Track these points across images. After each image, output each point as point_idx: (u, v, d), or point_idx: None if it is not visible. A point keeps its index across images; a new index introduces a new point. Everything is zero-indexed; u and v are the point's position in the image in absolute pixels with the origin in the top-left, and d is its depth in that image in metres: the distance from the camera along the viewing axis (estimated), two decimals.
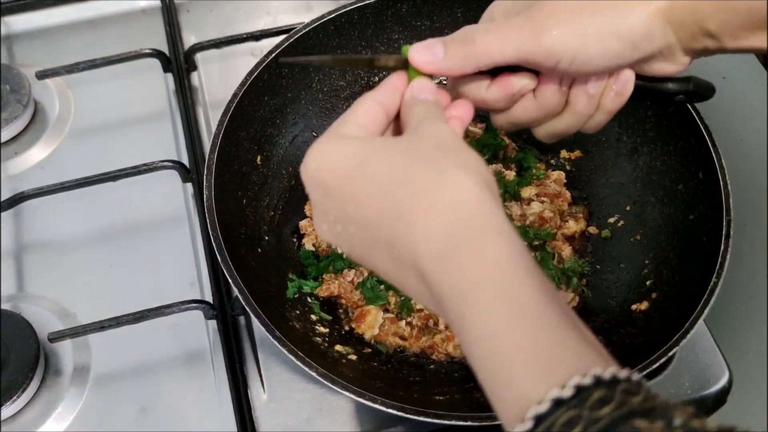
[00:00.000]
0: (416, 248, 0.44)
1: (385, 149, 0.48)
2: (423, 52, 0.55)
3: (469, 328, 0.42)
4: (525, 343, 0.40)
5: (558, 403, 0.37)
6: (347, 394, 0.64)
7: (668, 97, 0.62)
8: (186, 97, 0.98)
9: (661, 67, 0.58)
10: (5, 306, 0.83)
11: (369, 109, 0.53)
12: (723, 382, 0.78)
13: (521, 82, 0.58)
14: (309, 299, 0.82)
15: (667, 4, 0.53)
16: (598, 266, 0.85)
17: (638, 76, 0.59)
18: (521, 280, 0.42)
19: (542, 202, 0.88)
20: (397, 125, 0.56)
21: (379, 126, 0.53)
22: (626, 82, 0.58)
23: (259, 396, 0.77)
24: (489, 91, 0.59)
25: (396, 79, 0.56)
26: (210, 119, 0.99)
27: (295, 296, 0.81)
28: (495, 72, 0.58)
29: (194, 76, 1.05)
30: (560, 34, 0.53)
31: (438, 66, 0.55)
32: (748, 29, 0.52)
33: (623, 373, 0.38)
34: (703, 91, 0.63)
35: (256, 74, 0.83)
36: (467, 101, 0.58)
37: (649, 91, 0.61)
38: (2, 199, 0.87)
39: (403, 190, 0.45)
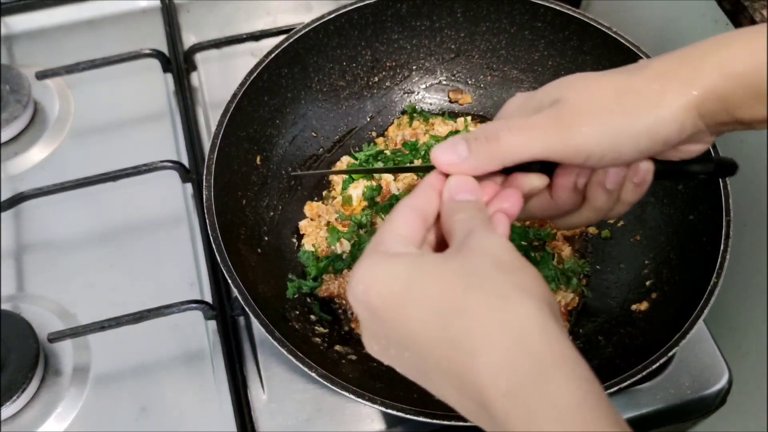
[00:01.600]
0: (480, 382, 0.42)
1: (435, 270, 0.45)
2: (446, 152, 0.53)
3: None
4: None
5: None
6: (347, 394, 0.64)
7: (690, 176, 0.60)
8: (186, 98, 0.98)
9: (686, 150, 0.56)
10: (5, 306, 0.83)
11: (407, 219, 0.51)
12: (723, 382, 0.78)
13: (532, 183, 0.56)
14: (309, 299, 0.82)
15: (698, 97, 0.50)
16: (598, 266, 0.85)
17: (658, 161, 0.56)
18: (594, 422, 0.40)
19: None
20: (439, 227, 0.53)
21: (420, 234, 0.51)
22: (646, 173, 0.56)
23: (258, 396, 0.77)
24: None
25: (432, 179, 0.53)
26: (210, 119, 0.99)
27: (295, 296, 0.81)
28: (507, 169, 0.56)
29: (194, 76, 1.05)
30: (590, 133, 0.50)
31: (462, 166, 0.52)
32: None
33: None
34: (726, 169, 0.61)
35: (255, 74, 0.83)
36: (516, 191, 0.54)
37: (670, 173, 0.58)
38: (2, 199, 0.87)
39: (460, 319, 0.43)
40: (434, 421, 0.63)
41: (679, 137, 0.52)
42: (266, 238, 0.84)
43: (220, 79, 1.04)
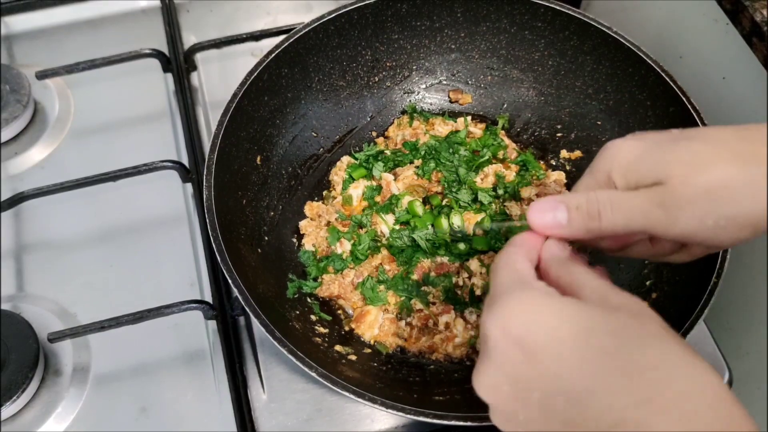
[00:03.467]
0: None
1: (604, 323, 0.44)
2: (545, 216, 0.53)
3: None
4: None
5: None
6: (347, 394, 0.64)
7: None
8: (186, 97, 0.98)
9: None
10: (5, 306, 0.83)
11: (522, 258, 0.51)
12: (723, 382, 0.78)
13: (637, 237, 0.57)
14: (309, 299, 0.82)
15: None
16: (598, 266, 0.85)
17: None
18: None
19: None
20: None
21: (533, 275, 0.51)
22: None
23: (258, 396, 0.77)
24: (604, 241, 0.58)
25: (528, 235, 0.54)
26: (210, 119, 0.99)
27: (295, 296, 0.81)
28: None
29: (194, 76, 1.05)
30: (694, 223, 0.49)
31: (557, 232, 0.53)
32: None
33: None
34: None
35: (256, 74, 0.83)
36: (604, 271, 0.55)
37: None
38: (2, 199, 0.87)
39: (646, 377, 0.41)
40: (434, 421, 0.63)
41: None
42: (266, 238, 0.84)
43: (220, 79, 1.04)
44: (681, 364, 0.42)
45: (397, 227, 0.86)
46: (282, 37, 0.87)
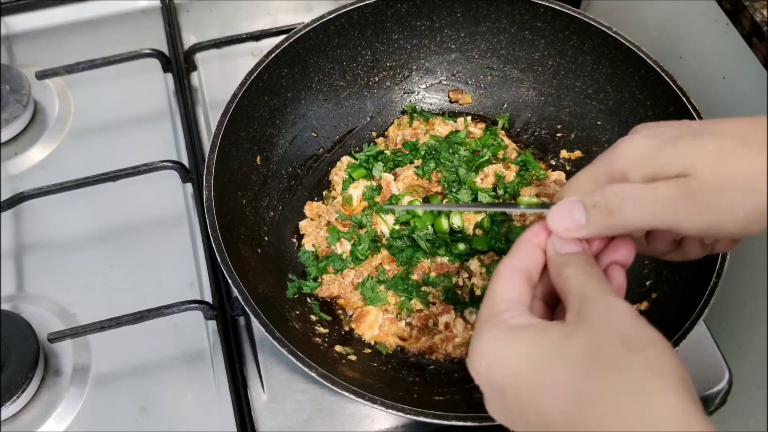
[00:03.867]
0: None
1: (561, 350, 0.44)
2: (563, 219, 0.51)
3: None
4: None
5: None
6: (347, 394, 0.64)
7: None
8: (186, 97, 0.98)
9: None
10: (5, 306, 0.83)
11: (512, 282, 0.50)
12: (723, 382, 0.78)
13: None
14: (309, 300, 0.82)
15: None
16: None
17: None
18: None
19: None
20: (547, 280, 0.53)
21: (528, 295, 0.50)
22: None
23: (258, 396, 0.77)
24: (653, 242, 0.56)
25: (530, 235, 0.52)
26: (210, 119, 0.99)
27: (295, 296, 0.81)
28: None
29: (194, 76, 1.05)
30: (721, 215, 0.47)
31: (576, 234, 0.51)
32: None
33: None
34: None
35: (256, 74, 0.83)
36: (627, 240, 0.53)
37: None
38: (2, 199, 0.87)
39: (593, 407, 0.41)
40: (434, 421, 0.63)
41: None
42: (266, 238, 0.84)
43: (220, 79, 1.04)
44: (628, 394, 0.41)
45: (397, 227, 0.86)
46: (282, 37, 0.87)
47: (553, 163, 0.94)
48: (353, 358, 0.76)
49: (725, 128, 0.49)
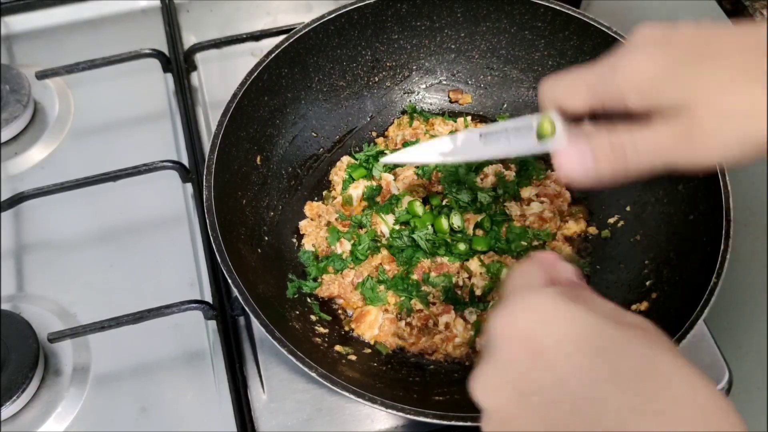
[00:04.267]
0: None
1: (615, 331, 0.43)
2: (574, 163, 0.54)
3: None
4: None
5: None
6: (347, 394, 0.64)
7: None
8: (186, 97, 0.98)
9: None
10: (5, 306, 0.83)
11: (536, 270, 0.50)
12: (723, 382, 0.78)
13: None
14: (309, 299, 0.82)
15: None
16: (598, 266, 0.85)
17: None
18: None
19: (542, 202, 0.88)
20: None
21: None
22: None
23: (258, 396, 0.77)
24: None
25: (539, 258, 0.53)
26: (210, 119, 0.99)
27: (295, 296, 0.81)
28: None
29: (194, 76, 1.05)
30: (720, 154, 0.49)
31: (586, 178, 0.53)
32: None
33: None
34: None
35: (256, 74, 0.83)
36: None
37: None
38: (2, 199, 0.87)
39: (659, 395, 0.40)
40: (434, 421, 0.64)
41: None
42: (266, 238, 0.84)
43: (220, 79, 1.04)
44: (693, 380, 0.41)
45: (397, 227, 0.86)
46: (282, 37, 0.87)
47: (553, 163, 0.94)
48: (353, 358, 0.76)
49: (728, 51, 0.50)
